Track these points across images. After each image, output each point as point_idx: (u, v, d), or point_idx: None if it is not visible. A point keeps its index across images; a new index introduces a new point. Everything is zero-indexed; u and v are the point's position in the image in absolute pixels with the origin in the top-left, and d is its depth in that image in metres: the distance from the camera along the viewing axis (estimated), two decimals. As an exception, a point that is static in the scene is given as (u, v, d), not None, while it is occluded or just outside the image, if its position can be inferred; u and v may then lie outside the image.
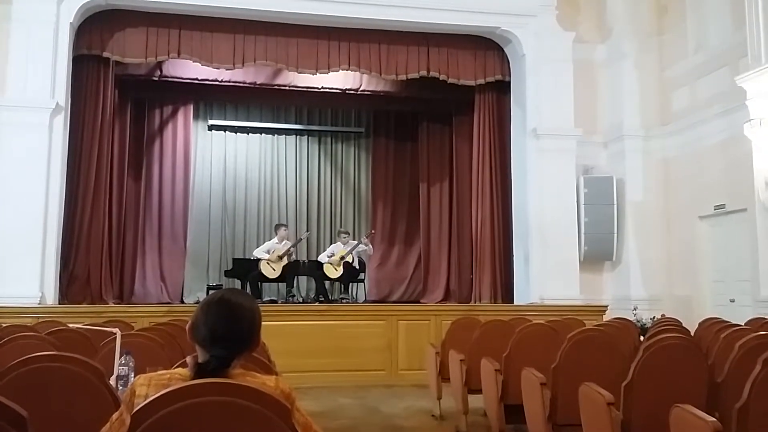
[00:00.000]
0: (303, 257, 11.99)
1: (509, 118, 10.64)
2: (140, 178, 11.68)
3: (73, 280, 9.32)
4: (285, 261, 10.22)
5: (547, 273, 9.70)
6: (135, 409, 1.77)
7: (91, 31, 9.40)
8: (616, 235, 10.27)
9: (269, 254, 10.24)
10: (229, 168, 12.79)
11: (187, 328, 2.02)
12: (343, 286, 10.84)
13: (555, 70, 10.04)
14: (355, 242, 10.83)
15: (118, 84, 10.26)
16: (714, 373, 3.77)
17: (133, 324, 6.24)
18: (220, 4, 9.29)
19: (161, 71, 10.69)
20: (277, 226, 10.74)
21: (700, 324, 6.01)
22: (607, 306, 9.25)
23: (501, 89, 10.79)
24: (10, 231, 8.38)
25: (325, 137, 13.38)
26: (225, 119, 12.82)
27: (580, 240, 10.09)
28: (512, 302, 10.01)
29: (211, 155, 12.72)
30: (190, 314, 2.05)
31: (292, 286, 10.67)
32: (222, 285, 11.35)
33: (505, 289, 10.42)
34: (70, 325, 4.90)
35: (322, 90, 11.29)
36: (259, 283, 10.35)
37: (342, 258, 10.44)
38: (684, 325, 5.81)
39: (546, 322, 5.44)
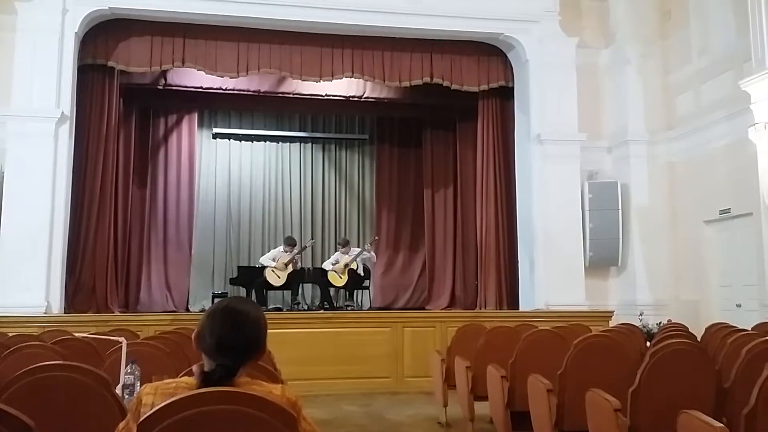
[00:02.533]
0: (308, 265, 11.98)
1: (513, 124, 10.63)
2: (145, 187, 11.71)
3: (79, 289, 9.33)
4: (290, 269, 10.22)
5: (552, 279, 9.67)
6: (141, 418, 1.77)
7: (95, 41, 9.44)
8: (621, 240, 10.24)
9: (275, 262, 10.25)
10: (233, 176, 12.82)
11: (192, 337, 2.02)
12: (348, 293, 10.82)
13: (558, 75, 10.04)
14: (359, 250, 10.81)
15: (122, 93, 10.31)
16: (721, 379, 3.75)
17: (138, 333, 6.25)
18: (225, 13, 9.32)
19: (166, 80, 10.74)
20: (288, 239, 10.69)
21: (706, 329, 5.98)
22: (612, 311, 9.22)
23: (504, 95, 10.80)
24: (16, 240, 8.41)
25: (329, 144, 13.41)
26: (229, 127, 12.86)
27: (585, 245, 10.06)
28: (518, 308, 9.99)
29: (216, 163, 12.75)
30: (196, 322, 2.05)
31: (297, 294, 10.66)
32: (227, 293, 11.37)
33: (510, 296, 10.39)
34: (76, 335, 4.92)
35: (326, 97, 11.32)
36: (265, 291, 10.35)
37: (346, 266, 10.44)
38: (691, 330, 5.79)
39: (552, 328, 5.43)
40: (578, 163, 10.08)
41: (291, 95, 11.28)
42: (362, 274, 10.75)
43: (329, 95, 11.27)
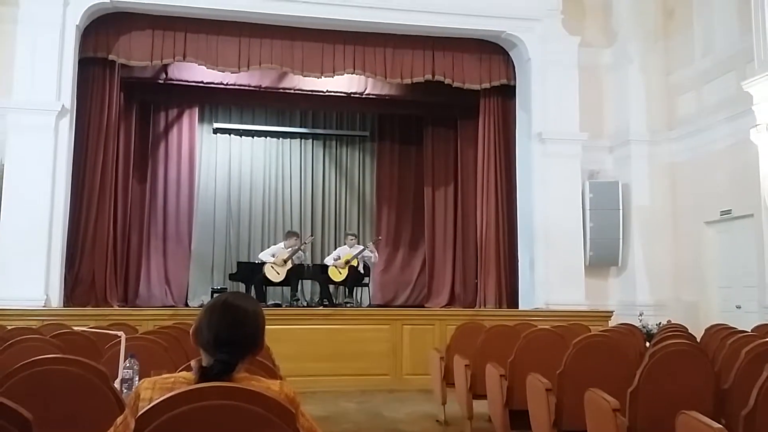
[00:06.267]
0: (308, 261, 11.97)
1: (514, 123, 10.62)
2: (145, 181, 11.70)
3: (78, 283, 9.33)
4: (289, 265, 10.21)
5: (552, 278, 9.66)
6: (139, 413, 1.77)
7: (97, 34, 9.42)
8: (621, 240, 10.23)
9: (274, 258, 10.24)
10: (233, 171, 12.81)
11: (191, 332, 2.01)
12: (347, 290, 10.81)
13: (560, 74, 10.03)
14: (361, 247, 10.79)
15: (123, 87, 10.29)
16: (720, 380, 3.75)
17: (137, 327, 6.25)
18: (226, 7, 9.31)
19: (167, 74, 10.72)
20: (289, 233, 10.71)
21: (706, 330, 5.97)
22: (612, 311, 9.21)
23: (506, 93, 10.78)
24: (15, 233, 8.40)
25: (330, 141, 13.39)
26: (230, 122, 12.85)
27: (585, 245, 10.05)
28: (517, 307, 9.98)
29: (216, 158, 12.74)
30: (195, 317, 2.04)
31: (297, 290, 10.65)
32: (226, 288, 11.35)
33: (510, 294, 10.38)
34: (75, 328, 4.91)
35: (327, 93, 11.30)
36: (264, 287, 10.34)
37: (347, 262, 10.43)
38: (690, 331, 5.79)
39: (551, 327, 5.42)
40: (579, 162, 10.07)
41: (292, 91, 11.26)
42: (362, 271, 10.74)
43: (330, 91, 11.25)
